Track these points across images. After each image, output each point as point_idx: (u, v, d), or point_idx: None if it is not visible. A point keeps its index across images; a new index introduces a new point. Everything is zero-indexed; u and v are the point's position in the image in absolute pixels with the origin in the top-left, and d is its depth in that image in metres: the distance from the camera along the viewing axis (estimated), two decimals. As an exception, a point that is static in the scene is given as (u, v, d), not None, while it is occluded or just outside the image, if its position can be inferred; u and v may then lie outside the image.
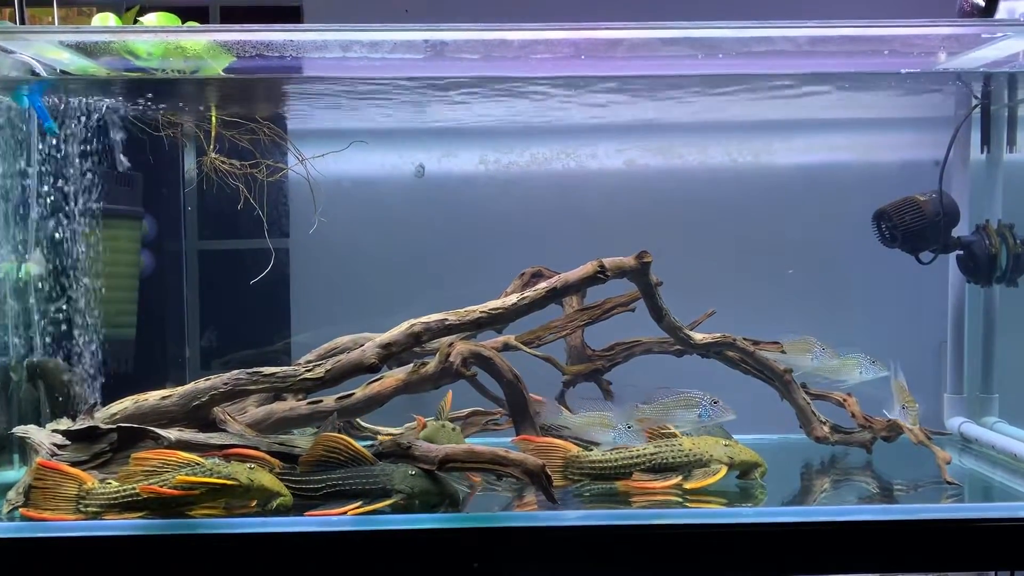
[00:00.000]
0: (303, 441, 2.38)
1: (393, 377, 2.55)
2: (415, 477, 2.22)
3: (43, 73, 2.56)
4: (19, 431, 2.46)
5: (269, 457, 2.28)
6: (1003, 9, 2.74)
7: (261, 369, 2.43)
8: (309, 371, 2.42)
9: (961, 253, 3.00)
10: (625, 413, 2.48)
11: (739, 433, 2.55)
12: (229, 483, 2.15)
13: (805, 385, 2.79)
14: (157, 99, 2.85)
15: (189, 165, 3.19)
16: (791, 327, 2.82)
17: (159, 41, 2.54)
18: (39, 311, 2.73)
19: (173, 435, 2.33)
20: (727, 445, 2.44)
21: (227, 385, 2.42)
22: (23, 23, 2.68)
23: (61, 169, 2.77)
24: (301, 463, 2.28)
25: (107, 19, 2.71)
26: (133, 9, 2.83)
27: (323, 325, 2.96)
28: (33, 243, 2.73)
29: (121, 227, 3.02)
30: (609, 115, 3.24)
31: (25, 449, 2.53)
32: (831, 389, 2.81)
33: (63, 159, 2.77)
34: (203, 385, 2.44)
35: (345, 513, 2.17)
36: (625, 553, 2.12)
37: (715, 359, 2.73)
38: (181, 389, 2.46)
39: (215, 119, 2.96)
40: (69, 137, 2.78)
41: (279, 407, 2.58)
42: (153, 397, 2.48)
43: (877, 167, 3.34)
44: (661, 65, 2.79)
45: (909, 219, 2.92)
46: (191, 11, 2.81)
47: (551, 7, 2.66)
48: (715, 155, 3.37)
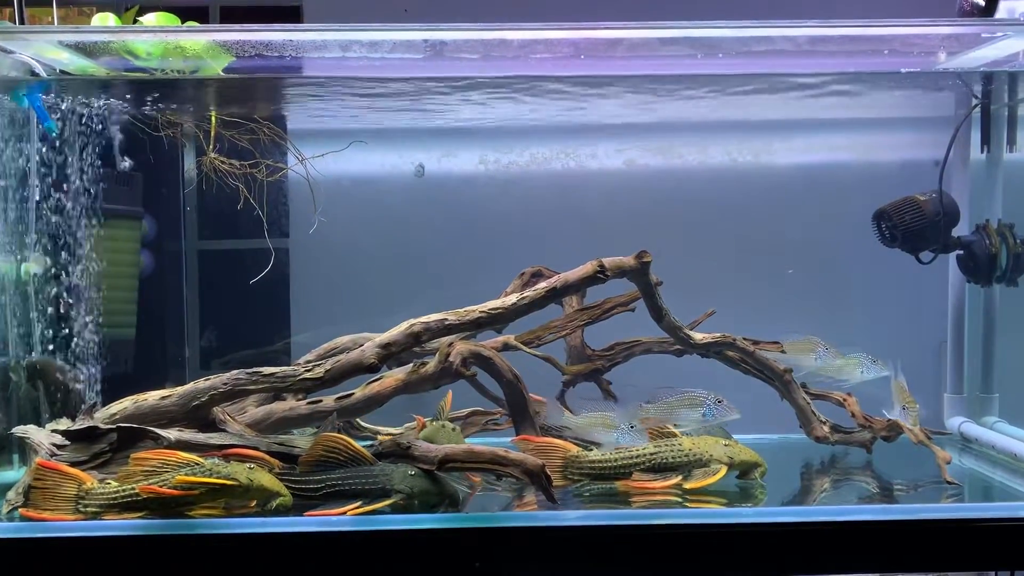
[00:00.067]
0: (303, 441, 2.38)
1: (393, 377, 2.55)
2: (415, 477, 2.22)
3: (42, 73, 2.56)
4: (18, 431, 2.46)
5: (269, 457, 2.27)
6: (1003, 9, 2.74)
7: (261, 369, 2.43)
8: (309, 371, 2.42)
9: (961, 253, 3.00)
10: (629, 413, 2.47)
11: (739, 433, 2.55)
12: (228, 483, 2.15)
13: (805, 385, 2.79)
14: (157, 99, 2.85)
15: (189, 165, 3.19)
16: (791, 327, 2.82)
17: (159, 41, 2.54)
18: (38, 311, 2.73)
19: (173, 435, 2.33)
20: (727, 445, 2.44)
21: (227, 385, 2.42)
22: (22, 23, 2.68)
23: (60, 169, 2.77)
24: (301, 463, 2.28)
25: (107, 19, 2.71)
26: (133, 9, 2.83)
27: (323, 325, 2.96)
28: (32, 243, 2.72)
29: (121, 227, 3.02)
30: (609, 114, 3.24)
31: (25, 449, 2.52)
32: (832, 389, 2.81)
33: (62, 159, 2.77)
34: (203, 385, 2.44)
35: (345, 513, 2.17)
36: (625, 553, 2.12)
37: (715, 359, 2.73)
38: (181, 389, 2.46)
39: (215, 119, 2.96)
40: (68, 137, 2.78)
41: (279, 407, 2.58)
42: (153, 397, 2.48)
43: (877, 167, 3.34)
44: (661, 65, 2.79)
45: (909, 219, 2.91)
46: (191, 11, 2.81)
47: (551, 7, 2.66)
48: (715, 155, 3.36)
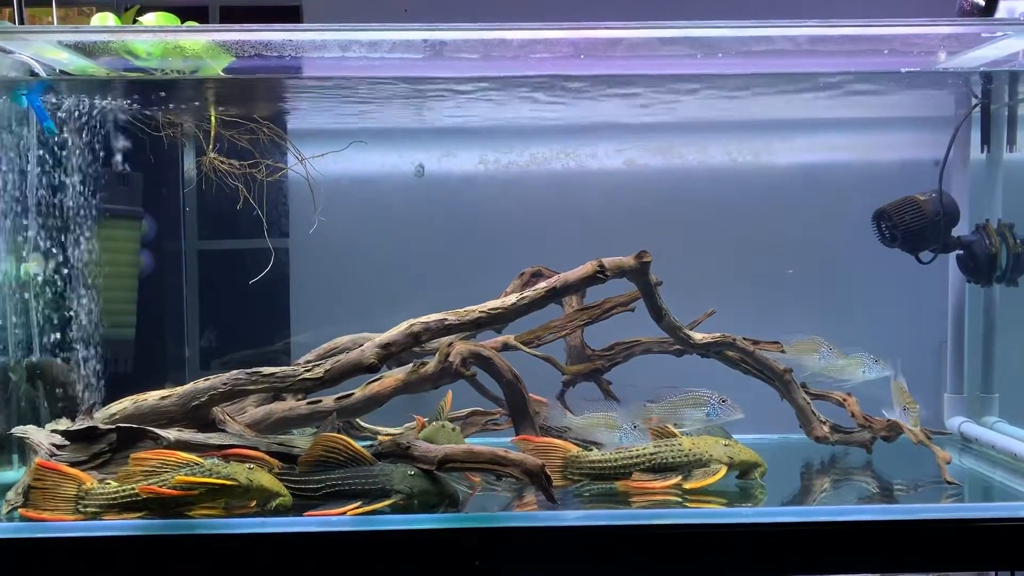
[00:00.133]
0: (302, 441, 2.38)
1: (392, 377, 2.55)
2: (414, 477, 2.22)
3: (42, 73, 2.56)
4: (18, 431, 2.46)
5: (268, 457, 2.27)
6: (1003, 8, 2.74)
7: (260, 369, 2.43)
8: (308, 371, 2.42)
9: (961, 253, 3.00)
10: (633, 412, 2.47)
11: (739, 433, 2.55)
12: (228, 483, 2.15)
13: (805, 385, 2.79)
14: (156, 99, 2.85)
15: (188, 165, 3.19)
16: (791, 327, 2.82)
17: (158, 41, 2.54)
18: (38, 311, 2.73)
19: (172, 435, 2.33)
20: (727, 445, 2.44)
21: (226, 385, 2.42)
22: (22, 23, 2.68)
23: (60, 169, 2.77)
24: (300, 463, 2.28)
25: (106, 19, 2.71)
26: (132, 9, 2.83)
27: (323, 325, 2.96)
28: (32, 243, 2.72)
29: (120, 227, 3.02)
30: (609, 114, 3.24)
31: (24, 449, 2.52)
32: (832, 388, 2.81)
33: (62, 159, 2.77)
34: (202, 385, 2.44)
35: (344, 513, 2.17)
36: (625, 553, 2.12)
37: (715, 359, 2.73)
38: (180, 389, 2.46)
39: (214, 119, 2.96)
40: (68, 137, 2.77)
41: (278, 407, 2.58)
42: (152, 397, 2.48)
43: (877, 167, 3.33)
44: (660, 65, 2.79)
45: (909, 219, 2.91)
46: (190, 11, 2.81)
47: (550, 7, 2.66)
48: (715, 155, 3.36)
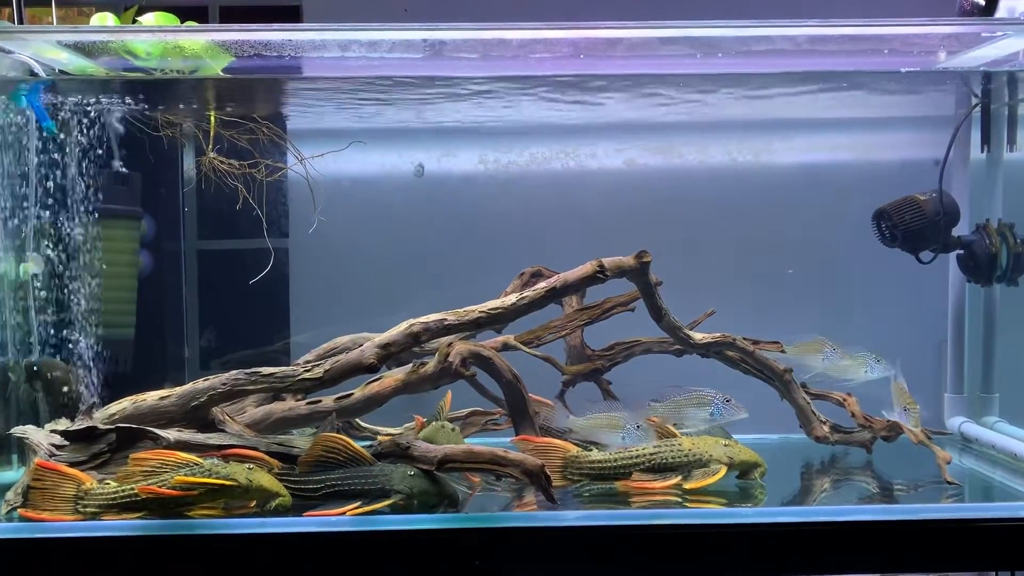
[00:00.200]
0: (302, 441, 2.38)
1: (392, 377, 2.54)
2: (414, 477, 2.22)
3: (41, 73, 2.56)
4: (17, 431, 2.46)
5: (268, 457, 2.27)
6: (1003, 8, 2.74)
7: (260, 369, 2.43)
8: (308, 371, 2.42)
9: (961, 252, 3.00)
10: (637, 412, 2.46)
11: (739, 433, 2.55)
12: (228, 483, 2.15)
13: (805, 385, 2.79)
14: (156, 99, 2.85)
15: (188, 165, 3.18)
16: (791, 327, 2.82)
17: (158, 41, 2.54)
18: (37, 311, 2.73)
19: (172, 435, 2.33)
20: (727, 445, 2.44)
21: (226, 385, 2.42)
22: (21, 23, 2.68)
23: (59, 169, 2.76)
24: (300, 463, 2.28)
25: (105, 19, 2.71)
26: (132, 9, 2.82)
27: (322, 325, 2.95)
28: (31, 243, 2.72)
29: (120, 227, 3.01)
30: (609, 114, 3.24)
31: (24, 449, 2.52)
32: (833, 388, 2.81)
33: (61, 159, 2.77)
34: (202, 385, 2.43)
35: (344, 513, 2.17)
36: (625, 553, 2.12)
37: (715, 359, 2.73)
38: (180, 389, 2.46)
39: (214, 119, 2.96)
40: (67, 137, 2.77)
41: (278, 407, 2.58)
42: (152, 397, 2.47)
43: (877, 166, 3.33)
44: (660, 64, 2.79)
45: (909, 218, 2.91)
46: (190, 11, 2.81)
47: (550, 6, 2.66)
48: (715, 154, 3.36)
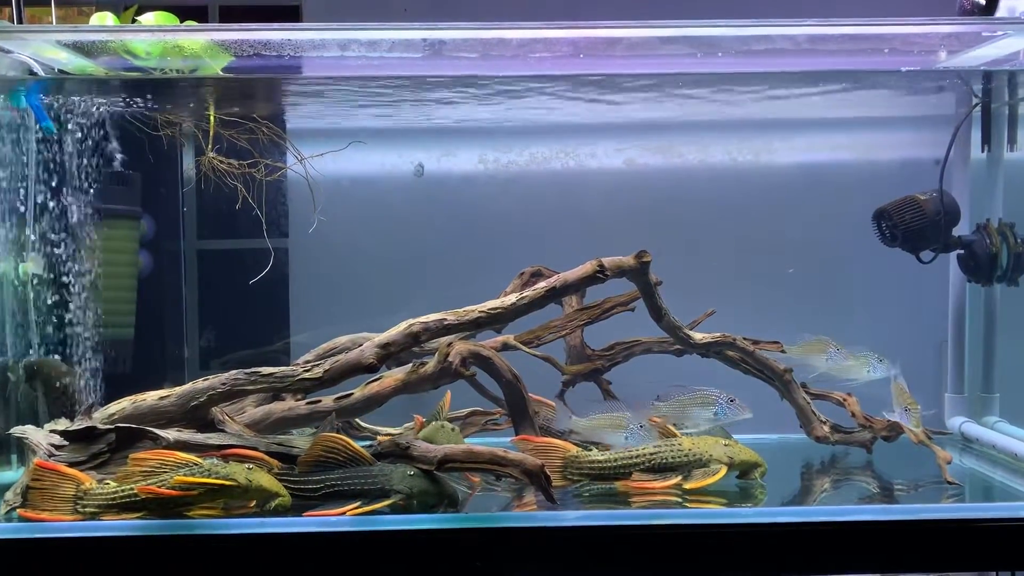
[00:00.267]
0: (301, 441, 2.38)
1: (392, 377, 2.54)
2: (414, 477, 2.22)
3: (41, 73, 2.55)
4: (17, 431, 2.46)
5: (267, 457, 2.27)
6: (1003, 7, 2.73)
7: (259, 369, 2.43)
8: (307, 371, 2.42)
9: (962, 252, 3.00)
10: (640, 412, 2.46)
11: (739, 433, 2.54)
12: (227, 483, 2.14)
13: (805, 385, 2.78)
14: (155, 98, 2.85)
15: (188, 164, 3.18)
16: (791, 327, 2.82)
17: (157, 40, 2.54)
18: (37, 311, 2.72)
19: (171, 435, 2.33)
20: (727, 445, 2.43)
21: (225, 385, 2.42)
22: (21, 22, 2.68)
23: (58, 169, 2.76)
24: (300, 463, 2.28)
25: (105, 18, 2.70)
26: (131, 8, 2.82)
27: (322, 325, 2.95)
28: (31, 243, 2.72)
29: (119, 227, 3.01)
30: (609, 114, 3.24)
31: (23, 449, 2.52)
32: (834, 388, 2.80)
33: (61, 159, 2.76)
34: (201, 385, 2.43)
35: (344, 514, 2.17)
36: (625, 553, 2.11)
37: (715, 359, 2.73)
38: (179, 389, 2.46)
39: (213, 118, 2.96)
40: (67, 137, 2.77)
41: (277, 407, 2.58)
42: (151, 397, 2.47)
43: (877, 166, 3.33)
44: (660, 64, 2.79)
45: (909, 218, 2.91)
46: (189, 10, 2.81)
47: (550, 6, 2.66)
48: (715, 154, 3.36)
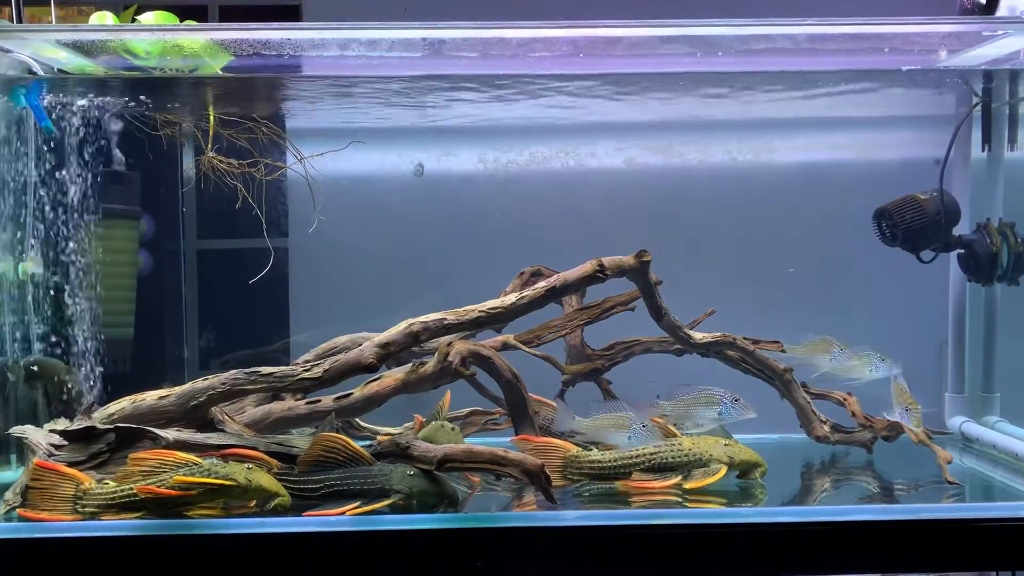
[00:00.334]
0: (301, 441, 2.38)
1: (392, 377, 2.54)
2: (414, 477, 2.22)
3: (40, 72, 2.55)
4: (16, 431, 2.46)
5: (267, 457, 2.27)
6: (1004, 7, 2.73)
7: (259, 369, 2.43)
8: (307, 371, 2.42)
9: (962, 252, 2.99)
10: (643, 411, 2.46)
11: (739, 433, 2.54)
12: (227, 483, 2.14)
13: (805, 384, 2.78)
14: (155, 98, 2.85)
15: (187, 164, 3.18)
16: (791, 327, 2.82)
17: (157, 40, 2.54)
18: (36, 310, 2.72)
19: (171, 435, 2.33)
20: (727, 445, 2.43)
21: (225, 385, 2.42)
22: (20, 22, 2.67)
23: (58, 169, 2.76)
24: (299, 463, 2.27)
25: (104, 18, 2.70)
26: (131, 8, 2.82)
27: (322, 325, 2.95)
28: (30, 243, 2.72)
29: (119, 226, 3.01)
30: (609, 114, 3.24)
31: (22, 449, 2.52)
32: (834, 388, 2.80)
33: (60, 158, 2.76)
34: (201, 385, 2.43)
35: (343, 513, 2.16)
36: (625, 553, 2.11)
37: (715, 358, 2.72)
38: (179, 389, 2.46)
39: (213, 118, 2.95)
40: (66, 136, 2.77)
41: (277, 407, 2.57)
42: (151, 397, 2.47)
43: (877, 165, 3.33)
44: (660, 63, 2.78)
45: (910, 218, 2.91)
46: (189, 10, 2.81)
47: (550, 5, 2.65)
48: (715, 154, 3.36)
